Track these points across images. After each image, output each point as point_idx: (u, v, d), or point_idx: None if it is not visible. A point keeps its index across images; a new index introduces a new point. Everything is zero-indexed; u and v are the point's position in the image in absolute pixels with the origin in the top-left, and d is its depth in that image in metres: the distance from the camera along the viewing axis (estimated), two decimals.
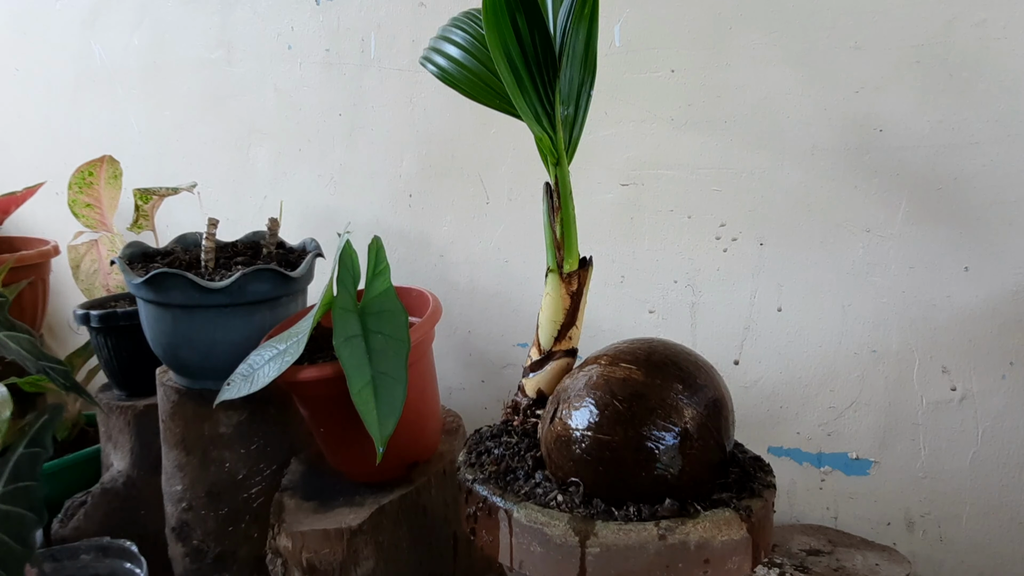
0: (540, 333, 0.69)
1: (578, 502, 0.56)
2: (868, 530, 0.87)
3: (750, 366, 0.91)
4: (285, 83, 1.22)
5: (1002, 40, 0.73)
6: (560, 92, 0.64)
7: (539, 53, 0.61)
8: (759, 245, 0.88)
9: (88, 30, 1.47)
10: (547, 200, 0.67)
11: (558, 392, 0.63)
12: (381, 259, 0.81)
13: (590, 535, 0.53)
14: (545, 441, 0.61)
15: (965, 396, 0.81)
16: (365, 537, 0.77)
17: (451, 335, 1.14)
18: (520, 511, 0.56)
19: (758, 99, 0.85)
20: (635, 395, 0.57)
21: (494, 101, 0.68)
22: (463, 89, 0.69)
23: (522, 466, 0.62)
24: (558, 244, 0.66)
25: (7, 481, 0.73)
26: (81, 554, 0.99)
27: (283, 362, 0.73)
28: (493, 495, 0.59)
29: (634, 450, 0.56)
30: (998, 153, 0.75)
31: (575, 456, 0.57)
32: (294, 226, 1.24)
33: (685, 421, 0.57)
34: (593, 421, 0.57)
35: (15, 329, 0.83)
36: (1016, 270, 0.77)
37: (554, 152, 0.64)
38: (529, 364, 0.70)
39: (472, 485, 0.61)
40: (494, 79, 0.67)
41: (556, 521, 0.54)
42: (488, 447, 0.67)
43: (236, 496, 0.90)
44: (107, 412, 1.08)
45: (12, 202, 1.42)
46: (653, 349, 0.61)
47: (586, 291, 0.69)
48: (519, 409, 0.70)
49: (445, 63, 0.70)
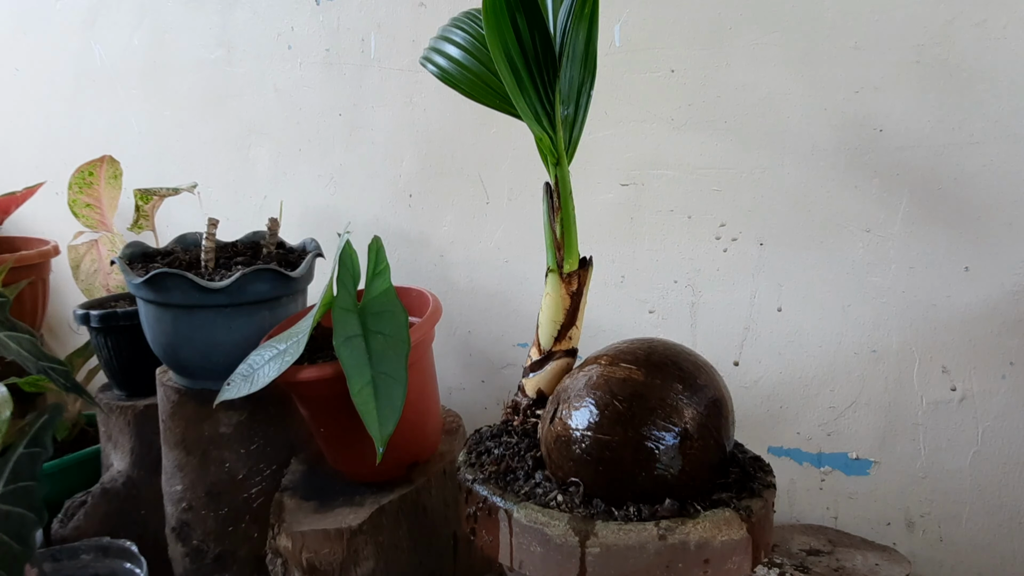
0: (540, 333, 0.69)
1: (578, 502, 0.56)
2: (868, 530, 0.87)
3: (750, 366, 0.91)
4: (285, 83, 1.22)
5: (1002, 40, 0.73)
6: (560, 92, 0.65)
7: (539, 53, 0.61)
8: (759, 245, 0.88)
9: (88, 30, 1.47)
10: (547, 200, 0.67)
11: (558, 392, 0.63)
12: (381, 259, 0.81)
13: (590, 535, 0.53)
14: (545, 441, 0.61)
15: (965, 396, 0.81)
16: (365, 537, 0.77)
17: (451, 335, 1.14)
18: (520, 511, 0.56)
19: (758, 99, 0.85)
20: (635, 395, 0.57)
21: (494, 101, 0.68)
22: (463, 89, 0.69)
23: (522, 466, 0.62)
24: (558, 244, 0.66)
25: (7, 481, 0.73)
26: (81, 554, 0.99)
27: (283, 362, 0.73)
28: (493, 495, 0.59)
29: (634, 450, 0.56)
30: (998, 153, 0.75)
31: (575, 456, 0.57)
32: (294, 226, 1.24)
33: (685, 421, 0.57)
34: (593, 421, 0.57)
35: (16, 329, 0.82)
36: (1016, 270, 0.77)
37: (554, 152, 0.64)
38: (529, 364, 0.70)
39: (472, 485, 0.61)
40: (494, 79, 0.67)
41: (556, 521, 0.54)
42: (488, 447, 0.67)
43: (236, 496, 0.90)
44: (107, 412, 1.08)
45: (12, 202, 1.42)
46: (653, 349, 0.61)
47: (586, 291, 0.69)
48: (519, 409, 0.70)
49: (445, 63, 0.70)
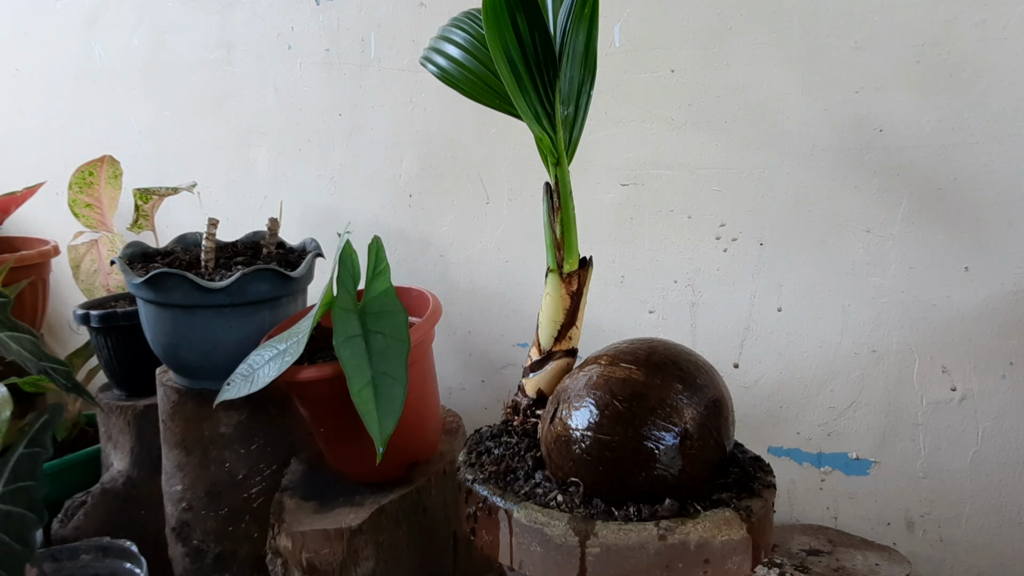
0: (540, 333, 0.69)
1: (578, 502, 0.56)
2: (868, 530, 0.87)
3: (750, 366, 0.91)
4: (285, 83, 1.22)
5: (1002, 40, 0.73)
6: (560, 92, 0.65)
7: (539, 53, 0.61)
8: (759, 245, 0.88)
9: (88, 30, 1.47)
10: (547, 200, 0.67)
11: (558, 392, 0.63)
12: (381, 259, 0.81)
13: (590, 535, 0.53)
14: (545, 441, 0.61)
15: (965, 396, 0.81)
16: (365, 537, 0.77)
17: (451, 335, 1.14)
18: (520, 511, 0.56)
19: (758, 99, 0.85)
20: (635, 395, 0.57)
21: (494, 101, 0.68)
22: (463, 89, 0.69)
23: (522, 466, 0.62)
24: (558, 244, 0.66)
25: (7, 481, 0.73)
26: (81, 554, 0.99)
27: (283, 362, 0.73)
28: (493, 495, 0.59)
29: (634, 450, 0.56)
30: (998, 153, 0.75)
31: (575, 456, 0.57)
32: (294, 226, 1.24)
33: (685, 421, 0.57)
34: (593, 421, 0.57)
35: (17, 329, 0.82)
36: (1016, 270, 0.77)
37: (554, 152, 0.64)
38: (529, 364, 0.70)
39: (472, 485, 0.61)
40: (494, 79, 0.67)
41: (556, 521, 0.54)
42: (488, 447, 0.67)
43: (236, 496, 0.90)
44: (107, 412, 1.08)
45: (12, 202, 1.42)
46: (653, 349, 0.61)
47: (586, 291, 0.69)
48: (519, 409, 0.70)
49: (445, 63, 0.70)
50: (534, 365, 0.70)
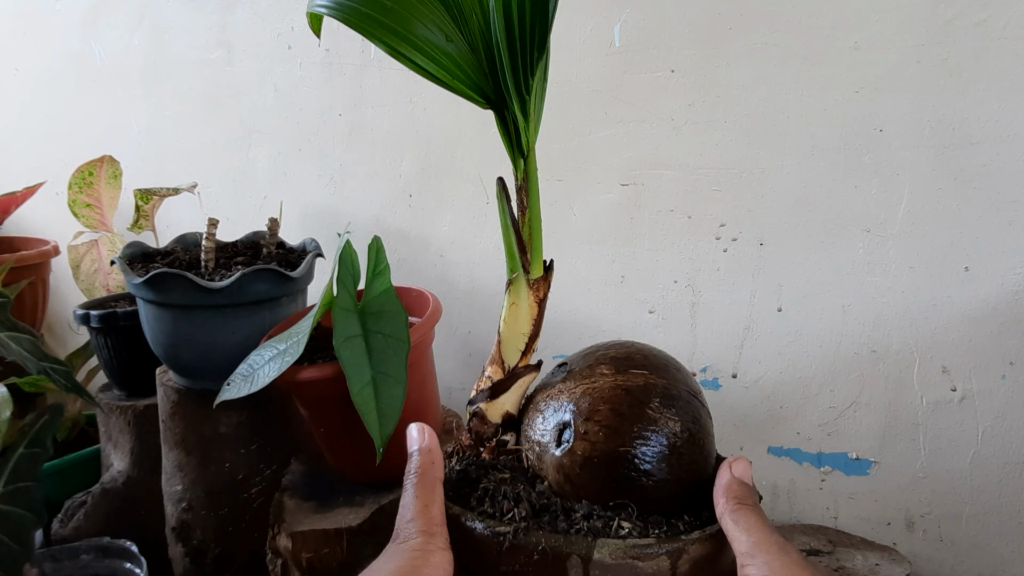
0: (504, 349, 0.60)
1: (643, 524, 0.51)
2: (868, 530, 0.87)
3: (750, 366, 0.91)
4: (285, 83, 1.22)
5: (1002, 40, 0.73)
6: (543, 69, 0.56)
7: (529, 21, 0.51)
8: (759, 245, 0.88)
9: (88, 30, 1.47)
10: (503, 199, 0.58)
11: (562, 411, 0.56)
12: (381, 259, 0.80)
13: (682, 553, 0.48)
14: (558, 467, 0.55)
15: (965, 396, 0.81)
16: (365, 537, 0.77)
17: (451, 335, 1.14)
18: (601, 551, 0.49)
19: (758, 99, 0.85)
20: (665, 400, 0.53)
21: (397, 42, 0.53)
22: (359, 25, 0.52)
23: (542, 501, 0.54)
24: (524, 248, 0.59)
25: (7, 481, 0.73)
26: (81, 554, 0.99)
27: (283, 362, 0.73)
28: (552, 542, 0.50)
29: (691, 457, 0.52)
30: (998, 153, 0.75)
31: (619, 476, 0.52)
32: (294, 226, 1.24)
33: (702, 417, 0.55)
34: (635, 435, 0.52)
35: (17, 329, 0.83)
36: (1016, 270, 0.77)
37: (526, 140, 0.57)
38: (490, 387, 0.60)
39: (515, 538, 0.51)
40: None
41: (649, 550, 0.48)
42: (487, 489, 0.57)
43: (236, 496, 0.90)
44: (107, 412, 1.08)
45: (12, 202, 1.42)
46: (640, 351, 0.58)
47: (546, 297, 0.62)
48: (483, 439, 0.61)
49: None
50: (497, 386, 0.60)
